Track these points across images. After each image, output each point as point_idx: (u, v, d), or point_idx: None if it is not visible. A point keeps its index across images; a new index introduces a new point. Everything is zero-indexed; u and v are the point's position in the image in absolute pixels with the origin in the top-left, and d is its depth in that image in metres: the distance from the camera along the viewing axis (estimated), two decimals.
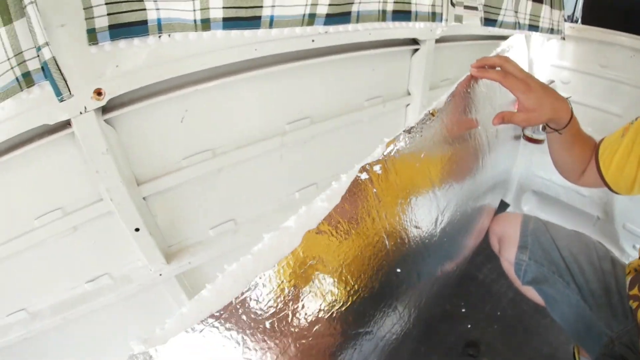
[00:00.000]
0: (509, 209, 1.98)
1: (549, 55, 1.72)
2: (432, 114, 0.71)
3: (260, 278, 0.47)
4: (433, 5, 0.98)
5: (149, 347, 0.41)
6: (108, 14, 0.57)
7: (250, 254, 0.48)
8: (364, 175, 0.57)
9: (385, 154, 0.59)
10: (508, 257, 1.07)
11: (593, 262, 0.97)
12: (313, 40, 0.89)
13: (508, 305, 1.50)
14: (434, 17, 0.97)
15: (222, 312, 0.45)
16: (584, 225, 1.79)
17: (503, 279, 1.13)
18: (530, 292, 1.06)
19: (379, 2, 0.83)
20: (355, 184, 0.57)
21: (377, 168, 0.59)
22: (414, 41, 1.20)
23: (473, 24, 1.22)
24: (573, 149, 0.90)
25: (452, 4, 1.05)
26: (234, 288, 0.46)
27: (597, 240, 1.04)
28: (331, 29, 0.86)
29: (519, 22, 1.29)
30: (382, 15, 0.85)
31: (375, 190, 0.61)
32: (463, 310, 1.49)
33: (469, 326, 1.43)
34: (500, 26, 1.21)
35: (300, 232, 0.50)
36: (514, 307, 1.49)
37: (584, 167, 0.92)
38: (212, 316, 0.44)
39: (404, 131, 0.63)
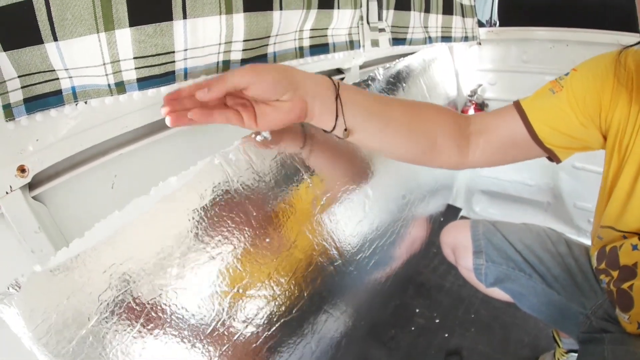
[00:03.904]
0: (462, 213, 2.03)
1: (473, 62, 1.81)
2: None
3: None
4: (349, 34, 1.01)
5: None
6: (22, 87, 0.55)
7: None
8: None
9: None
10: (466, 265, 1.08)
11: (549, 249, 1.00)
12: None
13: (480, 306, 1.52)
14: (351, 45, 1.00)
15: None
16: (536, 213, 1.86)
17: (469, 282, 1.15)
18: (497, 293, 1.08)
19: (295, 39, 0.84)
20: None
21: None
22: (339, 71, 1.23)
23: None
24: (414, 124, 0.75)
25: (370, 28, 1.09)
26: None
27: (547, 227, 1.07)
28: None
29: (429, 37, 1.34)
30: (300, 53, 0.87)
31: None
32: (437, 321, 1.49)
33: (446, 335, 1.43)
34: (410, 44, 1.25)
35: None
36: (487, 307, 1.52)
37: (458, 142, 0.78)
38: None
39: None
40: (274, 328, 0.77)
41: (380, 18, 1.09)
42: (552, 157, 0.79)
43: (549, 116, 0.75)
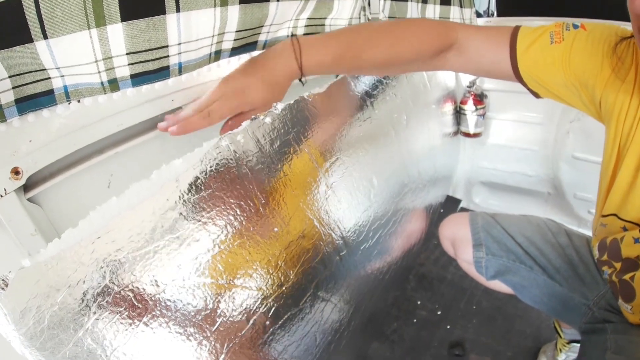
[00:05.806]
0: (461, 204, 2.02)
1: None
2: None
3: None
4: (350, 18, 0.99)
5: None
6: (13, 88, 0.54)
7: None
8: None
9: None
10: (466, 258, 1.08)
11: (549, 240, 0.99)
12: None
13: (482, 297, 1.52)
14: None
15: None
16: (536, 203, 1.85)
17: (470, 275, 1.14)
18: (498, 285, 1.08)
19: (289, 27, 0.83)
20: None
21: None
22: None
23: None
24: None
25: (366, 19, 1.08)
26: None
27: (547, 218, 1.07)
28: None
29: None
30: None
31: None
32: (439, 312, 1.49)
33: (449, 327, 1.43)
34: None
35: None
36: (489, 299, 1.51)
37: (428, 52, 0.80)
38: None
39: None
40: (281, 321, 0.77)
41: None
42: (533, 94, 0.83)
43: (537, 71, 0.77)
